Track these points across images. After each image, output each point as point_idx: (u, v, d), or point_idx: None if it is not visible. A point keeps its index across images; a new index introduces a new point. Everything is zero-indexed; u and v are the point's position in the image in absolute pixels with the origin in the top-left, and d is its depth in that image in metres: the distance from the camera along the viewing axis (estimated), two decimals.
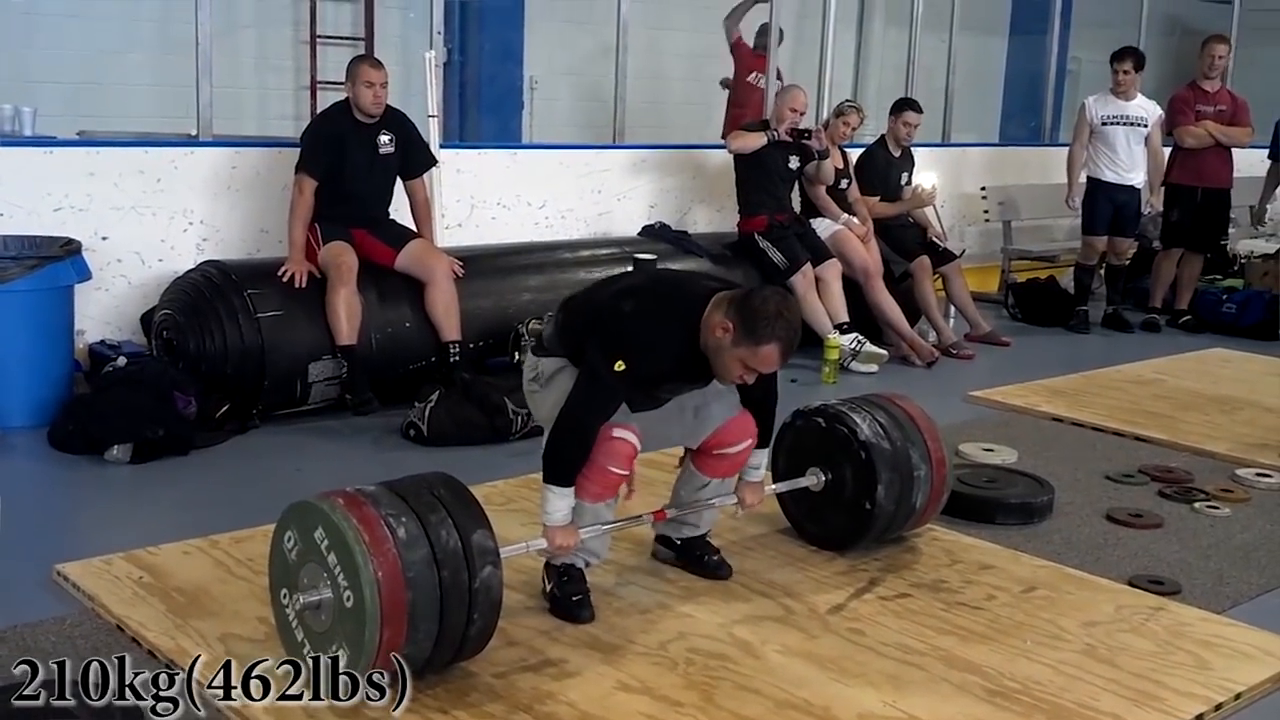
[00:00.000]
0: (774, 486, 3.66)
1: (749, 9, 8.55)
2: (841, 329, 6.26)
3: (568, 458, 3.05)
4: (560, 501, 3.04)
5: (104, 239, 5.28)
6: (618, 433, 3.06)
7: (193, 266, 5.21)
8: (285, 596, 2.77)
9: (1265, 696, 3.00)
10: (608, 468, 3.08)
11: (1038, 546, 3.88)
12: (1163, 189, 7.63)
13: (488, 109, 9.06)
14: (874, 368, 6.25)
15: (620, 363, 2.97)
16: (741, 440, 3.35)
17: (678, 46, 9.81)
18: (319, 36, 8.48)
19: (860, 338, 6.29)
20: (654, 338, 3.05)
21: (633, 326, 3.05)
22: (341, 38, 8.57)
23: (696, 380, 3.17)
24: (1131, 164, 7.45)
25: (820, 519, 3.70)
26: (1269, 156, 8.06)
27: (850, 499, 3.59)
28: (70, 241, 4.88)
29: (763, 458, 3.47)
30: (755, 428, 3.36)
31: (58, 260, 4.75)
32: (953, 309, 7.22)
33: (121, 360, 4.82)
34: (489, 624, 2.75)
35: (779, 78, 7.99)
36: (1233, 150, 7.73)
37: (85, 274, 4.91)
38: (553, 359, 3.21)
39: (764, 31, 8.21)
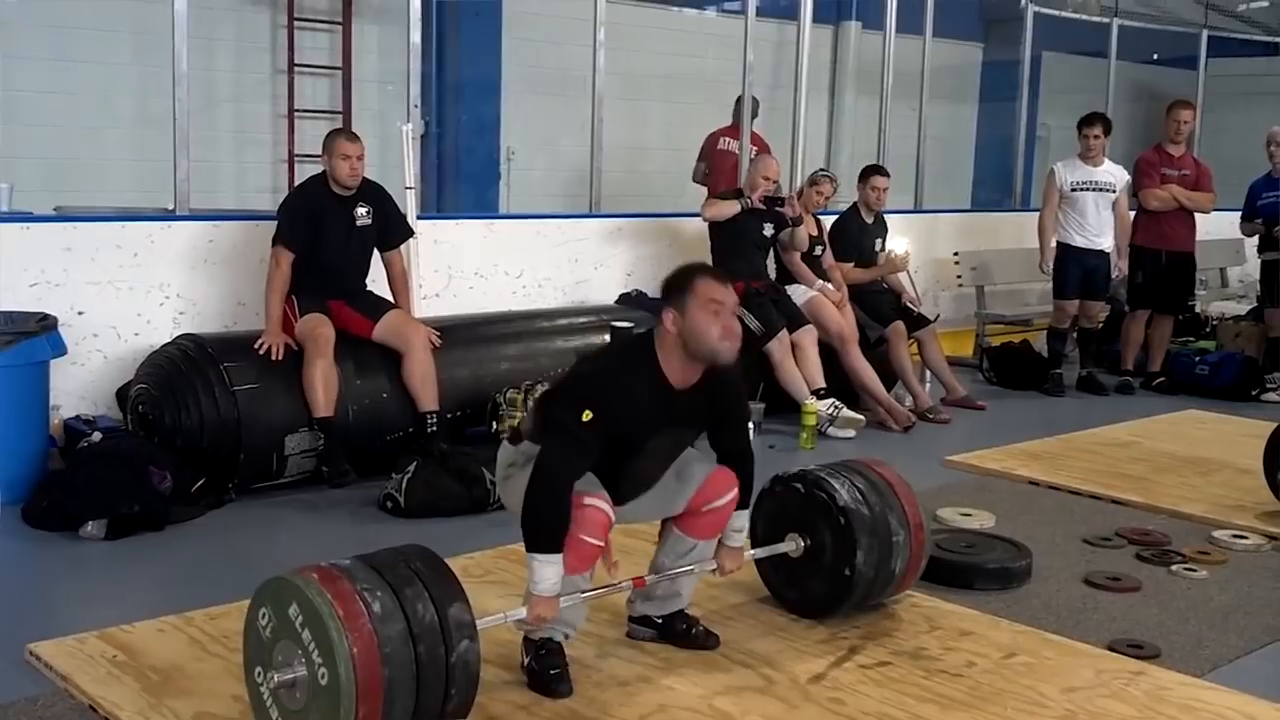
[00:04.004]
0: (753, 552, 3.65)
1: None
2: (818, 394, 6.29)
3: (548, 522, 2.99)
4: (548, 569, 2.97)
5: (80, 314, 5.27)
6: (589, 501, 3.03)
7: (169, 340, 5.20)
8: (260, 674, 2.73)
9: None
10: (582, 538, 3.03)
11: (1017, 611, 3.88)
12: (1128, 251, 7.71)
13: (465, 180, 9.14)
14: (851, 433, 6.27)
15: (588, 412, 2.96)
16: (727, 492, 3.34)
17: (653, 116, 9.93)
18: (297, 110, 8.56)
19: (837, 403, 6.32)
20: (617, 377, 3.07)
21: (595, 375, 3.09)
22: (319, 111, 8.64)
23: (672, 418, 3.14)
24: (1100, 228, 7.54)
25: (799, 585, 3.70)
26: (1242, 218, 8.15)
27: (830, 565, 3.58)
28: (46, 317, 4.88)
29: (744, 520, 3.46)
30: (736, 479, 3.36)
31: (33, 336, 4.74)
32: (928, 373, 7.26)
33: (97, 435, 4.81)
34: (467, 699, 2.72)
35: (754, 144, 8.08)
36: (1196, 215, 7.83)
37: (61, 349, 4.90)
38: (531, 446, 3.16)
39: (739, 102, 8.32)
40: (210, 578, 4.01)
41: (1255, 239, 8.25)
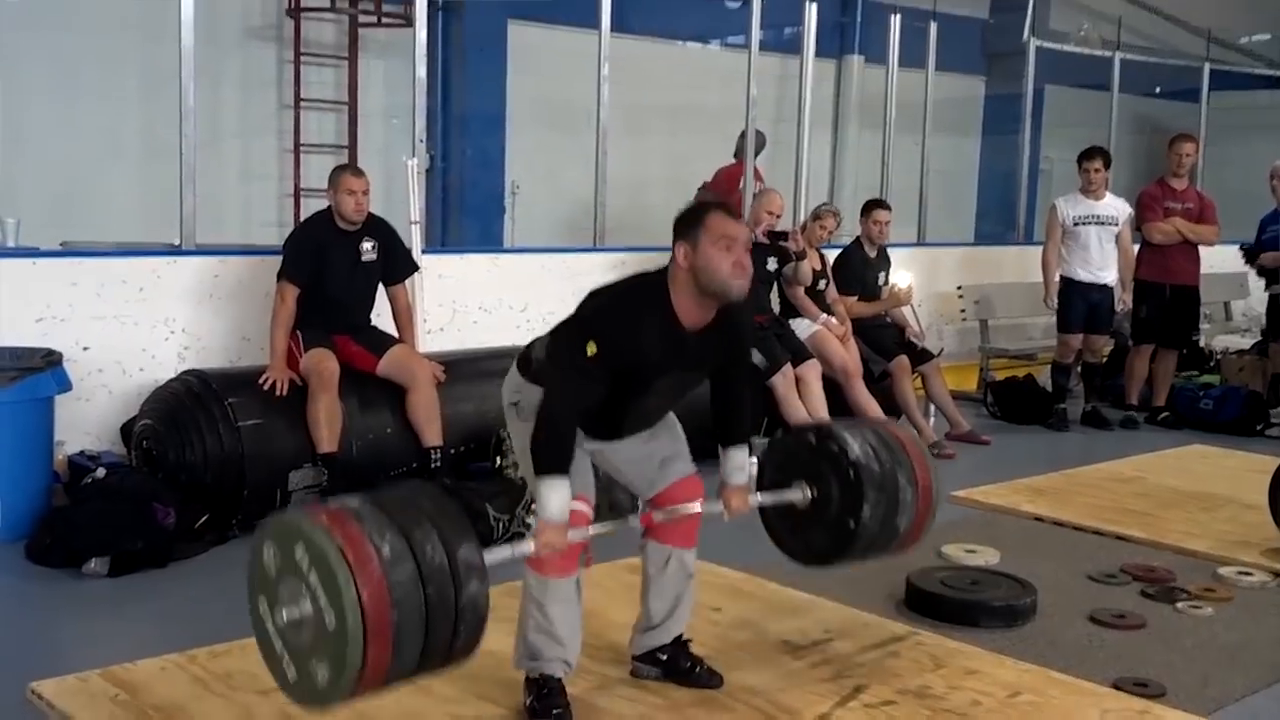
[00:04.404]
0: (758, 498, 3.55)
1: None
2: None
3: (555, 446, 2.99)
4: (554, 493, 2.97)
5: (85, 349, 5.29)
6: (571, 504, 3.05)
7: (174, 376, 5.22)
8: (264, 605, 2.68)
9: None
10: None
11: (1022, 649, 3.86)
12: (1132, 285, 7.71)
13: (470, 214, 9.18)
14: None
15: (592, 344, 2.96)
16: (692, 499, 3.34)
17: (657, 150, 9.97)
18: (303, 145, 8.60)
19: None
20: (626, 314, 3.05)
21: (602, 309, 3.07)
22: (325, 146, 8.69)
23: (682, 361, 3.12)
24: (1104, 262, 7.55)
25: (802, 534, 3.60)
26: (1249, 249, 8.12)
27: (835, 517, 3.49)
28: (51, 352, 4.89)
29: (744, 456, 3.42)
30: (702, 490, 3.38)
31: (39, 371, 4.75)
32: (932, 408, 7.26)
33: (101, 471, 4.81)
34: (474, 639, 2.68)
35: (757, 178, 8.12)
36: (1200, 247, 7.84)
37: (66, 385, 4.91)
38: (536, 389, 3.14)
39: (742, 136, 8.36)
40: (213, 615, 4.00)
41: (1256, 274, 8.25)
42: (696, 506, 3.35)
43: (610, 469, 3.40)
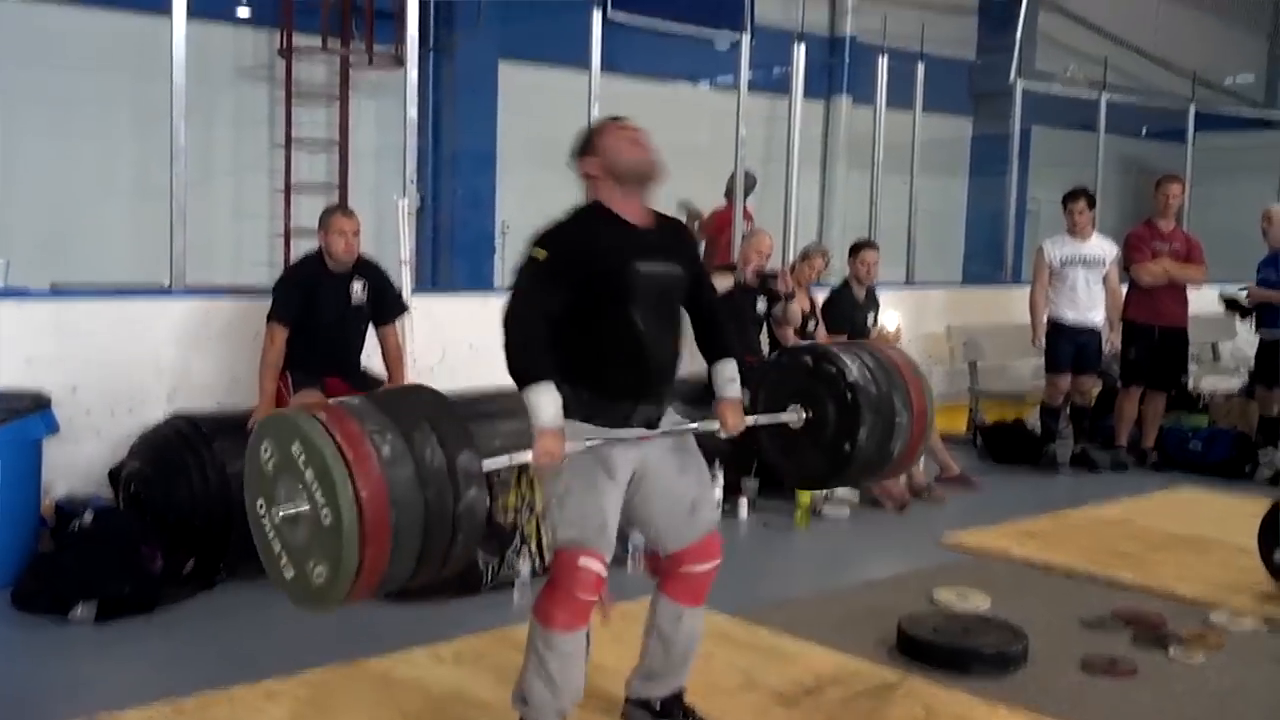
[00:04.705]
0: (753, 418, 3.53)
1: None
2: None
3: (526, 355, 3.04)
4: (544, 399, 2.98)
5: (74, 391, 5.26)
6: (583, 561, 3.08)
7: (162, 418, 5.19)
8: (261, 506, 2.66)
9: None
10: (575, 594, 3.10)
11: (1014, 697, 3.85)
12: (1121, 326, 7.74)
13: (460, 254, 9.18)
14: (846, 511, 6.26)
15: (541, 250, 3.09)
16: (715, 558, 3.36)
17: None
18: (293, 185, 8.61)
19: None
20: (567, 222, 3.20)
21: (546, 228, 3.18)
22: (316, 185, 8.70)
23: (642, 247, 3.17)
24: (1091, 303, 7.58)
25: (796, 457, 3.59)
26: (1226, 297, 8.19)
27: (830, 439, 3.48)
28: (40, 395, 4.87)
29: (733, 368, 3.42)
30: (720, 550, 3.37)
31: (27, 414, 4.72)
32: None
33: (88, 515, 4.75)
34: (472, 545, 2.67)
35: (747, 219, 8.14)
36: (1188, 289, 7.88)
37: (54, 427, 4.88)
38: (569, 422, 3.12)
39: (731, 178, 8.40)
40: (200, 662, 3.98)
41: (1240, 318, 8.28)
42: (712, 565, 3.35)
43: (642, 519, 3.34)
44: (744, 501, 6.17)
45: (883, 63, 9.13)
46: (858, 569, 5.55)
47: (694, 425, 3.37)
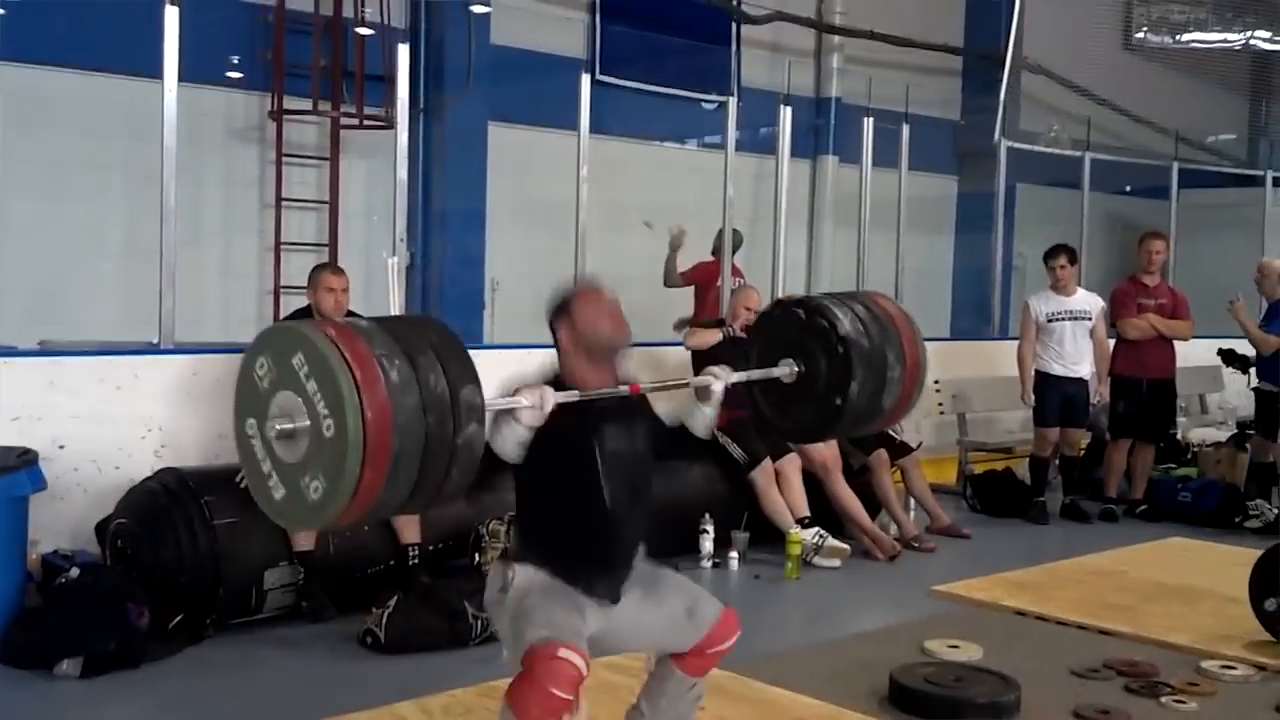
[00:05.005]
0: (744, 374, 3.44)
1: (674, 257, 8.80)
2: (803, 523, 6.27)
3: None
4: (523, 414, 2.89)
5: (61, 447, 5.25)
6: (563, 653, 2.89)
7: (150, 474, 5.18)
8: (252, 427, 2.59)
9: None
10: (549, 689, 2.87)
11: None
12: (1109, 380, 7.78)
13: (450, 310, 9.20)
14: (837, 562, 6.24)
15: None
16: (734, 635, 3.31)
17: (636, 248, 10.07)
18: (283, 243, 8.65)
19: (822, 532, 6.29)
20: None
21: None
22: (306, 244, 8.74)
23: (605, 416, 3.11)
24: (1078, 356, 7.63)
25: (787, 410, 3.50)
26: (1224, 351, 8.18)
27: (821, 393, 3.40)
28: (27, 451, 4.85)
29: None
30: (739, 624, 3.32)
31: (14, 470, 4.70)
32: (912, 501, 7.25)
33: (75, 571, 4.73)
34: (466, 480, 2.61)
35: (736, 274, 8.20)
36: (1176, 342, 7.93)
37: (41, 484, 4.85)
38: (519, 567, 3.13)
39: (719, 236, 8.47)
40: (187, 717, 3.94)
41: (1242, 371, 8.30)
42: (734, 640, 3.31)
43: (640, 646, 3.31)
44: (734, 554, 6.16)
45: (868, 124, 9.23)
46: (849, 620, 5.53)
47: (684, 381, 3.34)
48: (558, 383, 3.12)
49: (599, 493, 3.11)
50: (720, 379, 3.29)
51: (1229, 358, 8.42)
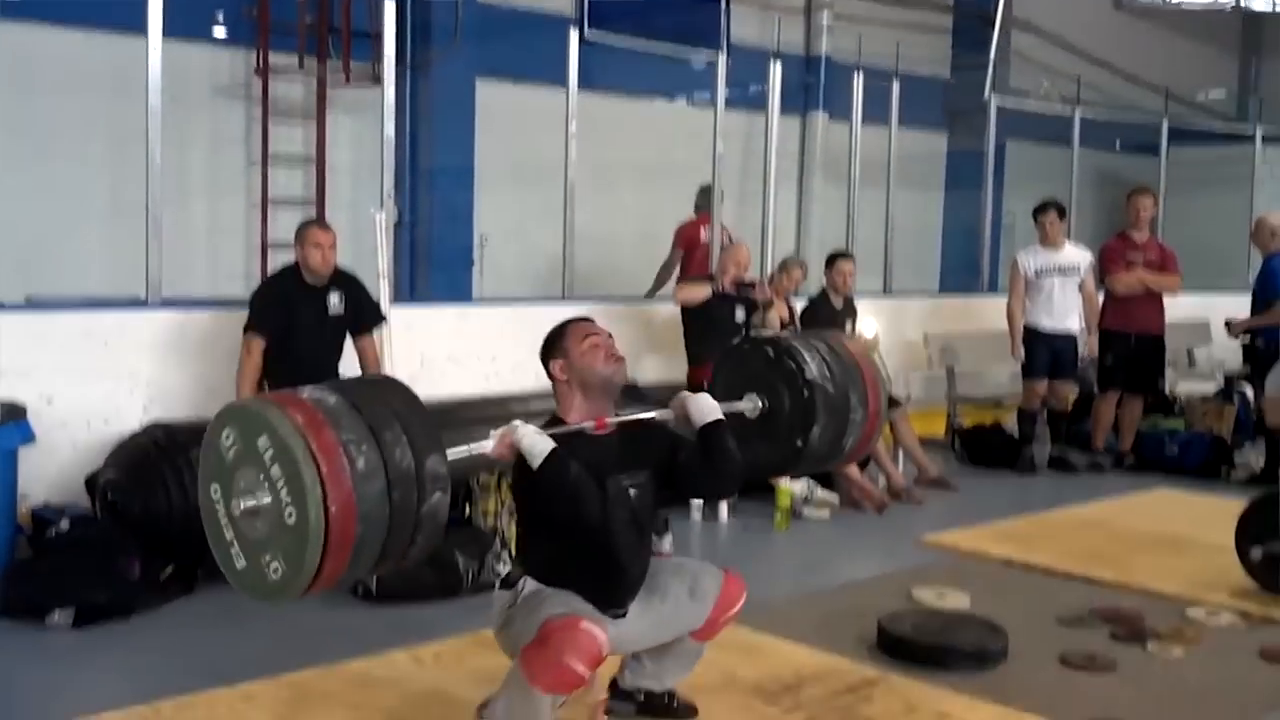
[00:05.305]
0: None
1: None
2: (792, 476, 6.29)
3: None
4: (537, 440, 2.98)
5: (49, 402, 5.24)
6: (585, 625, 2.92)
7: (139, 428, 5.18)
8: (216, 492, 2.61)
9: None
10: (566, 661, 2.89)
11: (994, 693, 3.85)
12: (1097, 334, 7.79)
13: (438, 267, 9.17)
14: (826, 514, 6.27)
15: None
16: (739, 600, 3.37)
17: (624, 205, 10.04)
18: (270, 200, 8.60)
19: (812, 484, 6.32)
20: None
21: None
22: (293, 201, 8.70)
23: (604, 463, 3.11)
24: (1067, 311, 7.65)
25: (746, 445, 3.47)
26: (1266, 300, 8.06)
27: (783, 433, 3.47)
28: (15, 405, 4.85)
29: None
30: (744, 584, 3.38)
31: (2, 424, 4.71)
32: (901, 454, 7.28)
33: (65, 523, 4.75)
34: (431, 545, 2.67)
35: (724, 232, 8.18)
36: (1164, 297, 7.94)
37: (29, 437, 4.86)
38: (525, 582, 3.15)
39: (704, 192, 8.44)
40: (179, 666, 3.96)
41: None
42: (741, 604, 3.39)
43: (650, 640, 3.33)
44: (724, 506, 6.18)
45: (858, 80, 9.19)
46: (837, 570, 5.56)
47: (650, 411, 3.35)
48: (557, 423, 3.16)
49: (608, 534, 3.11)
50: (688, 399, 3.29)
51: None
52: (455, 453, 2.76)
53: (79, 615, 4.26)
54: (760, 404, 3.51)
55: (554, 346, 3.24)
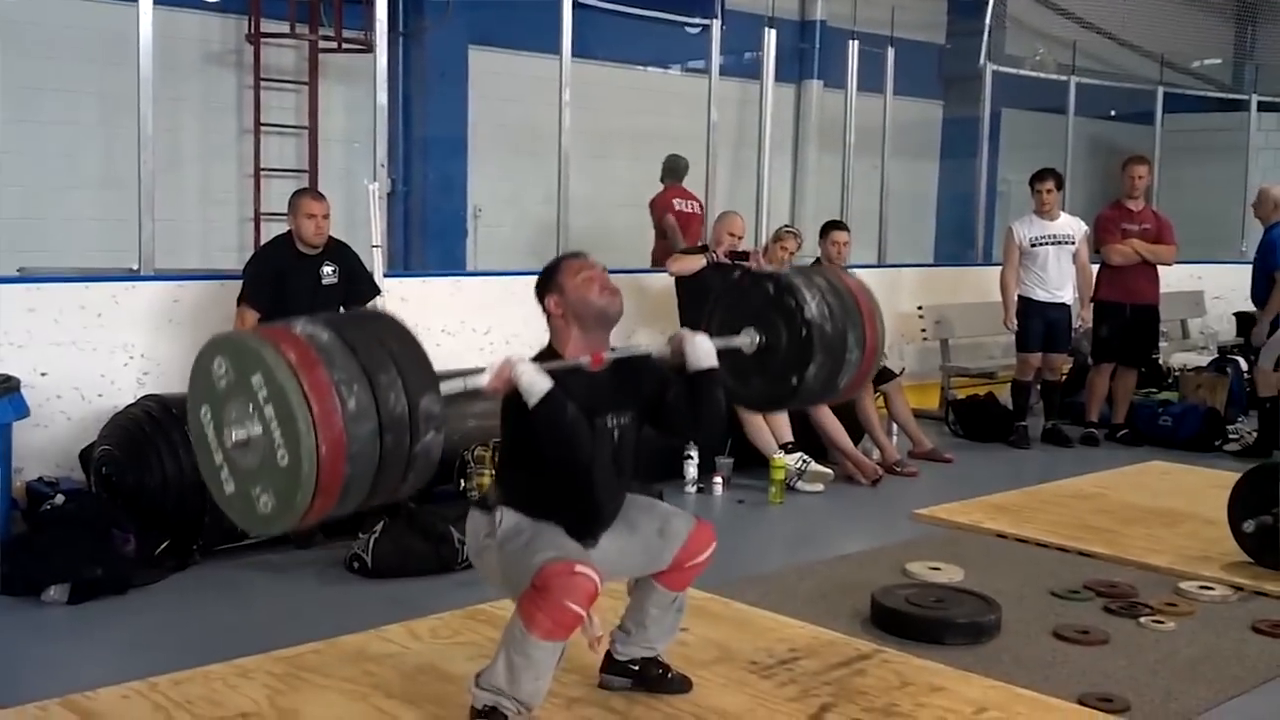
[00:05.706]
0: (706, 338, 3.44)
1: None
2: (786, 449, 6.30)
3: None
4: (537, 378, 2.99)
5: (43, 375, 5.23)
6: (580, 569, 2.97)
7: (133, 401, 5.17)
8: (206, 414, 2.59)
9: None
10: (565, 603, 2.95)
11: (987, 666, 3.88)
12: (1092, 305, 7.79)
13: (432, 237, 9.15)
14: (820, 487, 6.28)
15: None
16: (708, 547, 3.38)
17: (619, 174, 10.00)
18: (263, 170, 8.56)
19: (805, 457, 6.33)
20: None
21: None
22: (286, 170, 8.65)
23: (595, 400, 3.12)
24: (1061, 281, 7.63)
25: (742, 379, 3.53)
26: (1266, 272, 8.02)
27: (778, 369, 3.46)
28: (9, 379, 4.83)
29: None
30: (714, 533, 3.40)
31: None
32: (894, 426, 7.29)
33: (60, 498, 4.75)
34: (421, 482, 2.67)
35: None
36: (1159, 267, 7.93)
37: (23, 411, 4.85)
38: (502, 511, 3.17)
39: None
40: (174, 642, 3.96)
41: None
42: (710, 551, 3.40)
43: (619, 573, 3.34)
44: (718, 480, 6.19)
45: (853, 47, 9.15)
46: (831, 543, 5.57)
47: (646, 348, 3.35)
48: (551, 355, 3.16)
49: (587, 470, 3.13)
50: (686, 338, 3.28)
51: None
52: (449, 386, 2.75)
53: (75, 591, 4.25)
54: (758, 339, 3.48)
55: (548, 282, 3.22)
